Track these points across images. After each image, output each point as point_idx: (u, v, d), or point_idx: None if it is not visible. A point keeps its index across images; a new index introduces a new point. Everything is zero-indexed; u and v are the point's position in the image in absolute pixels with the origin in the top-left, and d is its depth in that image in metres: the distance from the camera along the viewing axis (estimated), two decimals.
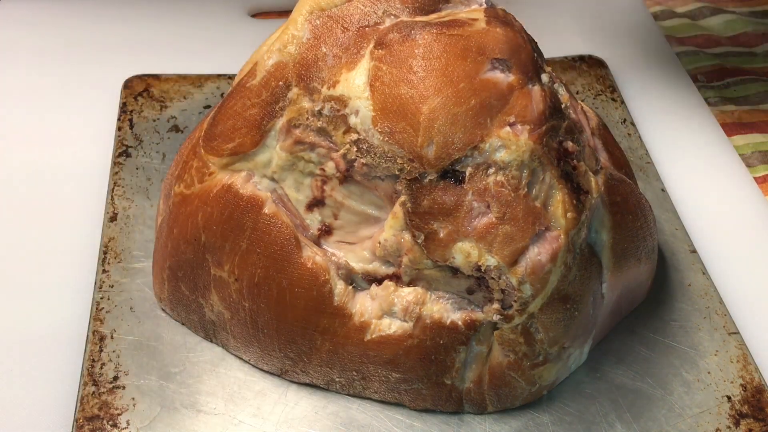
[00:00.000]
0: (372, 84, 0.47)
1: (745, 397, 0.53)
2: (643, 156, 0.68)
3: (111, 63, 0.74)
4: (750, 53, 0.84)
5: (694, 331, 0.57)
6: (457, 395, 0.51)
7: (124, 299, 0.56)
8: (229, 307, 0.52)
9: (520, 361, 0.49)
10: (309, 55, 0.49)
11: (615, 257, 0.52)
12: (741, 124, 0.76)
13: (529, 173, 0.47)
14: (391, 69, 0.47)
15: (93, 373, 0.52)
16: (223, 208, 0.51)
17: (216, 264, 0.51)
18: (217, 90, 0.71)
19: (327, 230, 0.51)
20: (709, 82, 0.80)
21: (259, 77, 0.50)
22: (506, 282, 0.47)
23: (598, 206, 0.50)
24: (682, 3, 0.89)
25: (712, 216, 0.66)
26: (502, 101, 0.47)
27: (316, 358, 0.51)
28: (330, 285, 0.49)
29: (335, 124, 0.48)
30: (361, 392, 0.52)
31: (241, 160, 0.51)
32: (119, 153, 0.65)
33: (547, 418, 0.52)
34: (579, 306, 0.49)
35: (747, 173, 0.69)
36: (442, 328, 0.49)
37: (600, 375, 0.54)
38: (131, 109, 0.69)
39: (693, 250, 0.61)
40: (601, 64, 0.76)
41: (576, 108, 0.53)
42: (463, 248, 0.47)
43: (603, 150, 0.55)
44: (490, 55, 0.47)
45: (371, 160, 0.47)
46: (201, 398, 0.51)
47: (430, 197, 0.47)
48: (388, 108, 0.47)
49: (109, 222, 0.60)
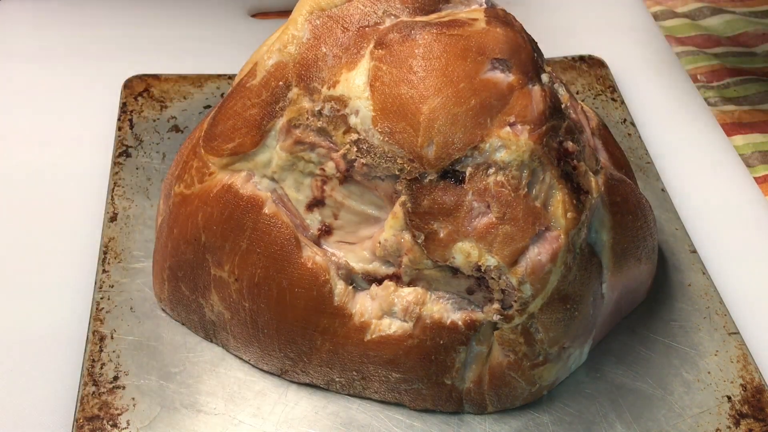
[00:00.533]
0: (372, 84, 0.47)
1: (745, 397, 0.53)
2: (643, 156, 0.68)
3: (111, 63, 0.74)
4: (750, 53, 0.84)
5: (694, 331, 0.57)
6: (457, 395, 0.51)
7: (124, 299, 0.56)
8: (229, 307, 0.52)
9: (520, 361, 0.49)
10: (309, 55, 0.49)
11: (615, 257, 0.52)
12: (741, 124, 0.76)
13: (529, 173, 0.47)
14: (391, 69, 0.47)
15: (93, 373, 0.52)
16: (223, 208, 0.51)
17: (216, 264, 0.51)
18: (217, 90, 0.71)
19: (327, 230, 0.51)
20: (709, 82, 0.80)
21: (259, 77, 0.50)
22: (506, 282, 0.47)
23: (598, 206, 0.50)
24: (682, 3, 0.89)
25: (712, 216, 0.65)
26: (502, 101, 0.47)
27: (316, 358, 0.51)
28: (330, 285, 0.49)
29: (335, 124, 0.48)
30: (361, 392, 0.52)
31: (241, 160, 0.51)
32: (119, 153, 0.65)
33: (547, 418, 0.52)
34: (579, 306, 0.49)
35: (747, 173, 0.69)
36: (442, 328, 0.49)
37: (600, 375, 0.54)
38: (131, 109, 0.69)
39: (693, 250, 0.61)
40: (601, 64, 0.76)
41: (576, 108, 0.53)
42: (463, 248, 0.47)
43: (603, 150, 0.55)
44: (490, 55, 0.47)
45: (371, 160, 0.47)
46: (201, 398, 0.51)
47: (430, 197, 0.47)
48: (388, 108, 0.47)
49: (109, 222, 0.60)
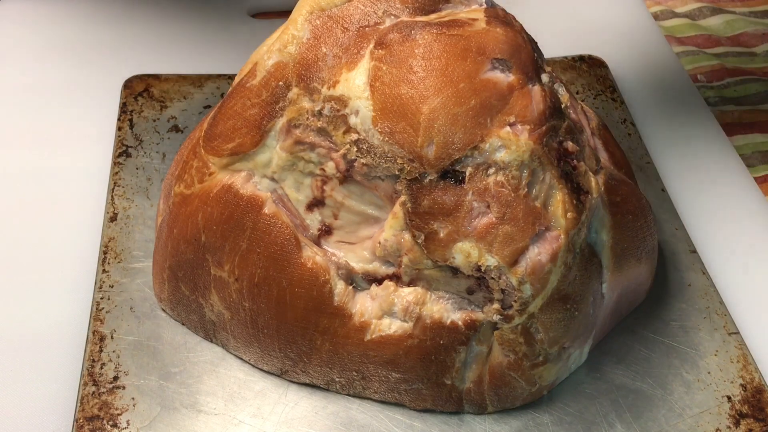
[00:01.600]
0: (372, 84, 0.47)
1: (745, 397, 0.53)
2: (643, 156, 0.68)
3: (111, 63, 0.74)
4: (750, 53, 0.84)
5: (694, 331, 0.57)
6: (457, 395, 0.51)
7: (124, 299, 0.56)
8: (229, 307, 0.52)
9: (520, 361, 0.49)
10: (309, 55, 0.49)
11: (615, 257, 0.52)
12: (741, 124, 0.76)
13: (529, 173, 0.47)
14: (391, 69, 0.47)
15: (93, 373, 0.52)
16: (223, 208, 0.51)
17: (216, 264, 0.51)
18: (217, 90, 0.71)
19: (327, 230, 0.51)
20: (709, 82, 0.80)
21: (259, 77, 0.50)
22: (506, 282, 0.47)
23: (598, 206, 0.50)
24: (682, 3, 0.89)
25: (712, 216, 0.65)
26: (502, 101, 0.47)
27: (316, 358, 0.51)
28: (330, 285, 0.49)
29: (335, 124, 0.48)
30: (361, 392, 0.52)
31: (241, 160, 0.51)
32: (119, 153, 0.65)
33: (547, 418, 0.52)
34: (579, 306, 0.49)
35: (747, 173, 0.69)
36: (442, 328, 0.49)
37: (600, 375, 0.54)
38: (131, 109, 0.69)
39: (693, 250, 0.61)
40: (601, 64, 0.76)
41: (576, 108, 0.53)
42: (463, 248, 0.47)
43: (603, 150, 0.55)
44: (490, 55, 0.47)
45: (371, 160, 0.47)
46: (201, 398, 0.51)
47: (430, 197, 0.47)
48: (388, 108, 0.47)
49: (109, 222, 0.60)
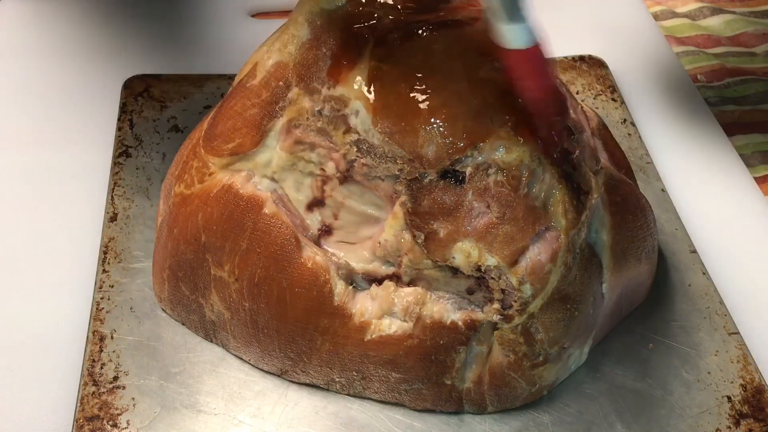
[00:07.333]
0: (372, 84, 0.47)
1: (745, 397, 0.53)
2: (643, 156, 0.68)
3: (111, 63, 0.74)
4: (750, 53, 0.84)
5: (694, 331, 0.57)
6: (457, 395, 0.51)
7: (124, 299, 0.56)
8: (229, 307, 0.52)
9: (520, 361, 0.49)
10: (309, 55, 0.49)
11: (615, 257, 0.52)
12: (741, 124, 0.76)
13: (529, 173, 0.47)
14: (392, 69, 0.47)
15: (93, 373, 0.52)
16: (223, 208, 0.51)
17: (216, 264, 0.51)
18: (217, 90, 0.71)
19: (327, 230, 0.51)
20: (709, 82, 0.80)
21: (259, 77, 0.50)
22: (506, 282, 0.47)
23: (598, 206, 0.50)
24: (682, 3, 0.89)
25: (712, 216, 0.65)
26: (502, 101, 0.47)
27: (316, 358, 0.51)
28: (330, 285, 0.49)
29: (335, 124, 0.48)
30: (361, 392, 0.52)
31: (241, 160, 0.51)
32: (119, 153, 0.65)
33: (547, 418, 0.52)
34: (579, 306, 0.49)
35: (747, 173, 0.69)
36: (442, 328, 0.49)
37: (600, 375, 0.54)
38: (131, 109, 0.69)
39: (693, 250, 0.61)
40: (601, 64, 0.76)
41: (576, 108, 0.53)
42: (463, 248, 0.47)
43: (603, 150, 0.55)
44: (490, 54, 0.47)
45: (371, 161, 0.47)
46: (201, 398, 0.51)
47: (430, 197, 0.47)
48: (388, 108, 0.47)
49: (109, 222, 0.60)
